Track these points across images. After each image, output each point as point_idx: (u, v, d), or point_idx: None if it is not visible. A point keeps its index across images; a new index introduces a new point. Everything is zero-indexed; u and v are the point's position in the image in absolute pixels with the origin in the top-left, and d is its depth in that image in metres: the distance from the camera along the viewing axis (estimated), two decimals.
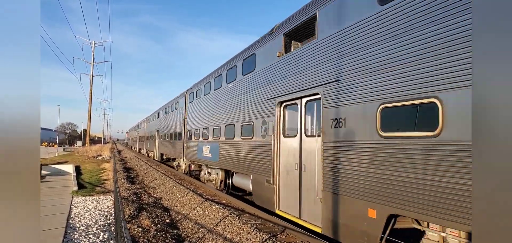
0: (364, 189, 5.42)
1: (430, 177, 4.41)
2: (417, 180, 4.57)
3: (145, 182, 17.96)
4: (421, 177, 4.52)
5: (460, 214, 4.05)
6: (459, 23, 4.21)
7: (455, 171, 4.14)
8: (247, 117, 10.41)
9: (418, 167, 4.57)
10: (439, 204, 4.28)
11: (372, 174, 5.29)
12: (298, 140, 7.80)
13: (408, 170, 4.70)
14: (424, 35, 4.64)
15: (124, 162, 31.61)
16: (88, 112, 49.08)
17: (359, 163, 5.59)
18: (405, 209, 4.72)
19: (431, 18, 4.58)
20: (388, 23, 5.25)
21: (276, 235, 7.69)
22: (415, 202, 4.58)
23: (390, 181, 4.94)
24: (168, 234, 8.03)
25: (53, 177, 18.04)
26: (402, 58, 4.94)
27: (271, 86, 8.97)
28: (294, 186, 7.84)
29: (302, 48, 7.68)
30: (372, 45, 5.50)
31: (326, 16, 6.82)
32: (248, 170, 10.22)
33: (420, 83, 4.62)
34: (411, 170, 4.66)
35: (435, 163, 4.37)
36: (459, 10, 4.23)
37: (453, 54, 4.25)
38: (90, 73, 49.51)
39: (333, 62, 6.44)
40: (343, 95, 6.05)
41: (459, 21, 4.21)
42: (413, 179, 4.63)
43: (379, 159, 5.16)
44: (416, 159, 4.60)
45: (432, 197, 4.37)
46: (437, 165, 4.34)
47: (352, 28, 6.02)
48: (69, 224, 8.58)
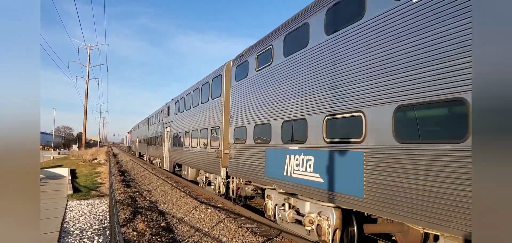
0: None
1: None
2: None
3: (141, 185, 17.89)
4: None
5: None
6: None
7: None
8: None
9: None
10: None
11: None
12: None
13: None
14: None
15: (120, 165, 31.45)
16: (83, 115, 48.85)
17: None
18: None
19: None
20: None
21: (271, 239, 7.70)
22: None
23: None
24: (163, 238, 8.01)
25: (48, 180, 17.90)
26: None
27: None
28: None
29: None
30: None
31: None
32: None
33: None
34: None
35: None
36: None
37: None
38: (86, 77, 49.31)
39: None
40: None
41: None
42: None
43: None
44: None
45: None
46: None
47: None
48: (64, 228, 8.52)
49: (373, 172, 5.32)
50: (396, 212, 4.91)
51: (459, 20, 4.21)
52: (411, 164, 4.69)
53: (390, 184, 5.02)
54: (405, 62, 4.90)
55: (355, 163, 5.71)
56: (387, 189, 5.06)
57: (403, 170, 4.81)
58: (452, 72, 4.24)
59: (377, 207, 5.23)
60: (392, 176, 4.98)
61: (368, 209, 5.48)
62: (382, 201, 5.14)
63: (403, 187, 4.80)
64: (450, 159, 4.19)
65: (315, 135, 6.83)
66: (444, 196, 4.22)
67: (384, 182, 5.12)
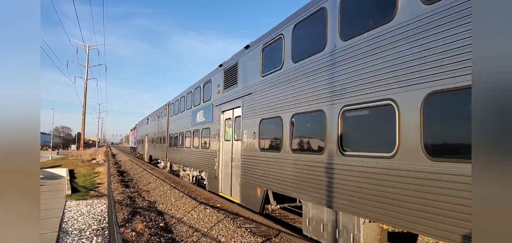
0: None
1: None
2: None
3: (140, 185, 17.87)
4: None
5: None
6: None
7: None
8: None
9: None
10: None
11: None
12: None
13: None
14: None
15: (119, 165, 31.41)
16: (82, 115, 48.78)
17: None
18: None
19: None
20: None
21: (270, 239, 7.71)
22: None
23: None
24: (162, 238, 8.01)
25: (47, 180, 17.87)
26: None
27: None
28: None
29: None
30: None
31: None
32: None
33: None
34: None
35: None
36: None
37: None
38: (85, 77, 49.27)
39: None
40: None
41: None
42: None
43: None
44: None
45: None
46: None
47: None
48: (62, 228, 8.52)
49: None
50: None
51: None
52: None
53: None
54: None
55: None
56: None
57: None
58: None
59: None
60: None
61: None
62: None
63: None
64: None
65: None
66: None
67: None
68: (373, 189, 5.18)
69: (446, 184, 4.07)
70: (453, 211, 3.96)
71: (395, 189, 4.78)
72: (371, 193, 5.22)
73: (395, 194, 4.77)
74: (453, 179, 3.99)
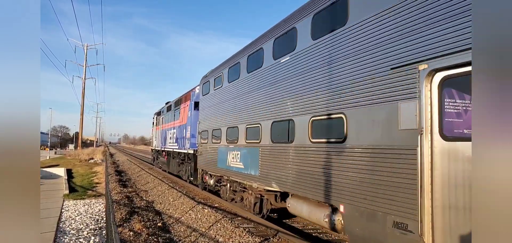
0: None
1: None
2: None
3: (137, 185, 17.86)
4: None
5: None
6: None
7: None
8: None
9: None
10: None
11: None
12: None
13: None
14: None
15: (116, 165, 31.36)
16: (80, 115, 48.66)
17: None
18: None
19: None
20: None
21: (268, 239, 7.73)
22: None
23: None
24: (160, 238, 8.01)
25: (44, 180, 17.81)
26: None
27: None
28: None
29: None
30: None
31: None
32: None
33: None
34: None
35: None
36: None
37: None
38: (83, 76, 49.12)
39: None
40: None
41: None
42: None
43: None
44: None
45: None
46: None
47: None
48: (60, 228, 8.50)
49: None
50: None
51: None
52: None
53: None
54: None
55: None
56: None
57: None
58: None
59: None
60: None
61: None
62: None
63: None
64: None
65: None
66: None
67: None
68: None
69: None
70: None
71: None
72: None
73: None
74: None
